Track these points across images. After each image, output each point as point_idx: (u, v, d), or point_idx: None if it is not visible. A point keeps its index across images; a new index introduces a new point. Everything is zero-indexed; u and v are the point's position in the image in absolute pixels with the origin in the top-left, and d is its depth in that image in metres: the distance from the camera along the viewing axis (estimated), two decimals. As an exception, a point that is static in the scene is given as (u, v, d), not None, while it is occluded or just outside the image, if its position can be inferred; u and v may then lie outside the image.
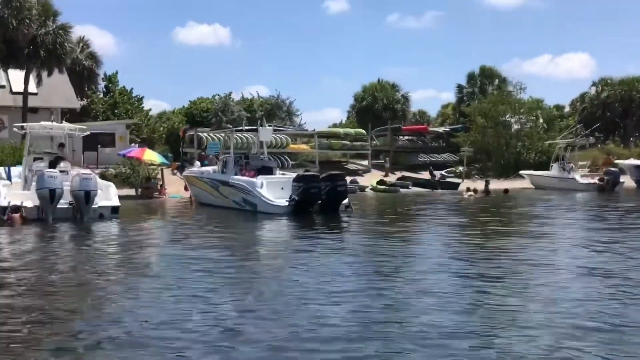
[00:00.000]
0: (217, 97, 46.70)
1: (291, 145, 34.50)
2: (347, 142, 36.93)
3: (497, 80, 44.89)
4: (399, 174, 37.21)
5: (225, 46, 79.30)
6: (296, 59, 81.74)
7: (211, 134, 31.04)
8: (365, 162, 39.40)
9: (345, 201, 17.24)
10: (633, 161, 33.06)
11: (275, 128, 22.09)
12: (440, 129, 43.41)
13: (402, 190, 30.02)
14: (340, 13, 79.44)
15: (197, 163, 26.80)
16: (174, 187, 26.50)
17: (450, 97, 48.39)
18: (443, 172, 38.03)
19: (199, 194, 20.98)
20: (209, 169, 21.24)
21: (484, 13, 78.81)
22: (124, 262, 9.94)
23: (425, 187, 31.80)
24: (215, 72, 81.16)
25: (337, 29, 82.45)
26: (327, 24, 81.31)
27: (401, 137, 40.74)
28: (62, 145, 17.40)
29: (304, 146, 35.85)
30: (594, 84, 48.91)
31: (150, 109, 45.12)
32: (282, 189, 16.98)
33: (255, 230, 14.64)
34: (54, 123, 17.07)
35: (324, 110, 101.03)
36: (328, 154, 40.14)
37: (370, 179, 33.79)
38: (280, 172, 20.10)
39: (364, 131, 38.42)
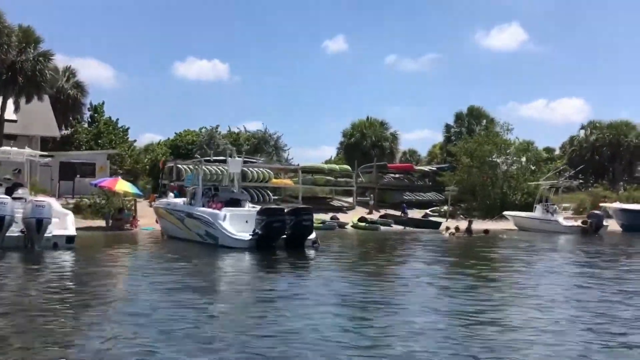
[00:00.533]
0: (203, 130, 46.48)
1: (274, 180, 34.02)
2: (331, 178, 36.45)
3: (484, 121, 44.80)
4: (383, 212, 36.76)
5: (223, 81, 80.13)
6: (294, 96, 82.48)
7: (190, 166, 30.50)
8: (351, 199, 38.93)
9: (312, 236, 16.61)
10: (618, 205, 32.64)
11: (245, 160, 21.57)
12: (427, 168, 43.12)
13: (382, 228, 29.45)
14: (339, 53, 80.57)
15: (171, 194, 26.25)
16: (148, 219, 25.84)
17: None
18: (428, 210, 37.61)
19: (166, 227, 20.33)
20: (180, 200, 20.64)
21: (482, 56, 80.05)
22: (53, 295, 9.25)
23: (407, 225, 31.29)
24: (214, 106, 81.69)
25: (335, 68, 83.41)
26: (325, 63, 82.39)
27: (387, 175, 40.29)
28: (18, 171, 16.84)
29: (288, 181, 35.37)
30: (582, 127, 48.93)
31: (135, 140, 44.75)
32: (246, 222, 16.35)
33: (206, 266, 13.77)
34: (14, 148, 16.54)
35: (322, 148, 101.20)
36: (314, 189, 39.67)
37: (353, 216, 33.23)
38: (251, 205, 19.49)
39: (349, 167, 38.04)
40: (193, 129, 47.25)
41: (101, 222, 25.04)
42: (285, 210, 16.28)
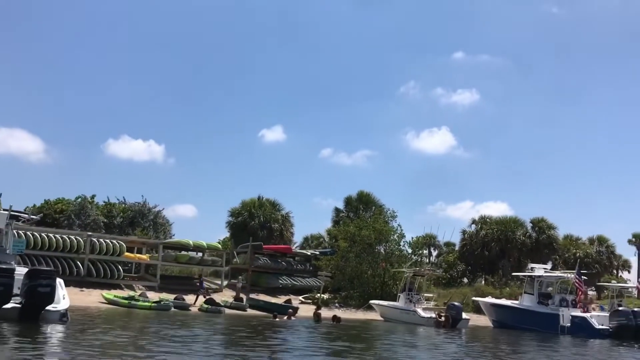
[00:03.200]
0: (79, 200, 43.19)
1: (126, 254, 30.92)
2: (195, 256, 33.62)
3: (373, 207, 43.77)
4: (255, 296, 34.01)
5: (157, 163, 77.78)
6: (227, 182, 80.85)
7: (21, 231, 27.00)
8: (225, 281, 36.04)
9: (62, 307, 13.75)
10: (489, 300, 31.22)
11: (13, 213, 18.47)
12: (309, 252, 41.01)
13: (231, 311, 26.73)
14: (276, 142, 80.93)
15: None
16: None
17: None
18: (301, 297, 35.13)
19: None
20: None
21: (412, 157, 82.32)
22: None
23: (265, 311, 28.59)
24: (145, 187, 78.41)
25: (270, 157, 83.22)
26: (261, 151, 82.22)
27: (263, 257, 37.71)
28: None
29: (143, 256, 32.29)
30: (473, 222, 48.62)
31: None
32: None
33: None
34: None
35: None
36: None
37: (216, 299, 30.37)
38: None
39: (219, 245, 35.47)
40: (68, 198, 43.96)
41: None
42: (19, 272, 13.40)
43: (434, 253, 64.41)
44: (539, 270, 28.86)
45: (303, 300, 34.63)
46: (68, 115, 79.22)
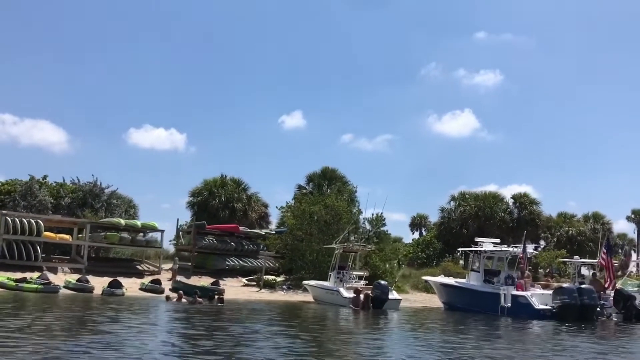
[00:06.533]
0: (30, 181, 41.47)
1: (46, 233, 28.91)
2: (127, 236, 31.45)
3: (338, 184, 40.93)
4: (198, 278, 31.84)
5: (179, 151, 77.24)
6: (248, 169, 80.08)
7: None
8: (169, 263, 33.88)
9: None
10: (437, 279, 28.20)
11: None
12: (263, 231, 38.45)
13: (143, 294, 24.59)
14: (296, 128, 79.33)
15: None
16: None
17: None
18: (244, 279, 32.79)
19: None
20: None
21: (434, 140, 79.91)
22: None
23: (185, 293, 26.30)
24: (166, 176, 78.14)
25: (290, 143, 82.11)
26: (281, 137, 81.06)
27: (208, 237, 35.31)
28: None
29: (66, 236, 30.21)
30: (453, 199, 45.38)
31: None
32: None
33: None
34: None
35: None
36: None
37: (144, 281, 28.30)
38: None
39: (155, 224, 33.22)
40: (22, 179, 42.35)
41: None
42: None
43: (425, 233, 61.40)
44: (488, 245, 25.67)
45: (247, 282, 32.29)
46: (90, 105, 79.67)
